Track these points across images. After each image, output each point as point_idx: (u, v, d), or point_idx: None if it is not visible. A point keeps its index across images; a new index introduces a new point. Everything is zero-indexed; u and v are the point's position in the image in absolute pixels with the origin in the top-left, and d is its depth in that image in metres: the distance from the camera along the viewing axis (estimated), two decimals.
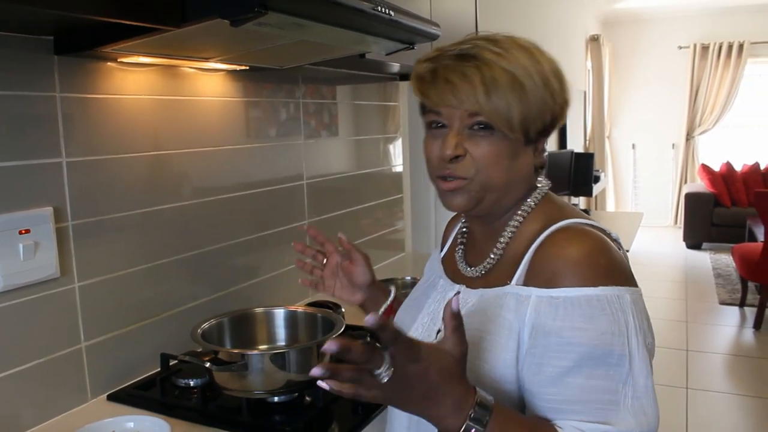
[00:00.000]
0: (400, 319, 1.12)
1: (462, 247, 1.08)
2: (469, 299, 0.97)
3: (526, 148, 0.94)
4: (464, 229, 1.10)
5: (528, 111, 0.89)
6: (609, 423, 0.80)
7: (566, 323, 0.82)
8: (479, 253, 1.02)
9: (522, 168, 0.95)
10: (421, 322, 1.05)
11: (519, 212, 0.97)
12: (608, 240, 0.90)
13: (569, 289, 0.83)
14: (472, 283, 1.00)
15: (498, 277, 0.95)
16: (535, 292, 0.86)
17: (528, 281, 0.89)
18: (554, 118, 0.95)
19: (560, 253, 0.86)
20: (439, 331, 0.98)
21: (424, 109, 0.98)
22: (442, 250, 1.17)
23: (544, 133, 0.95)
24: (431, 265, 1.18)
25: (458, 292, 1.00)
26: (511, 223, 0.97)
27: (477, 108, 0.88)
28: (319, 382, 0.71)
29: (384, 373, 0.71)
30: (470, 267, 1.02)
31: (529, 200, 0.97)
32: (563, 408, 0.82)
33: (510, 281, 0.92)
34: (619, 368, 0.81)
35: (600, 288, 0.82)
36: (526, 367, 0.85)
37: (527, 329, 0.86)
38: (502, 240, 0.97)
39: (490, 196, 0.94)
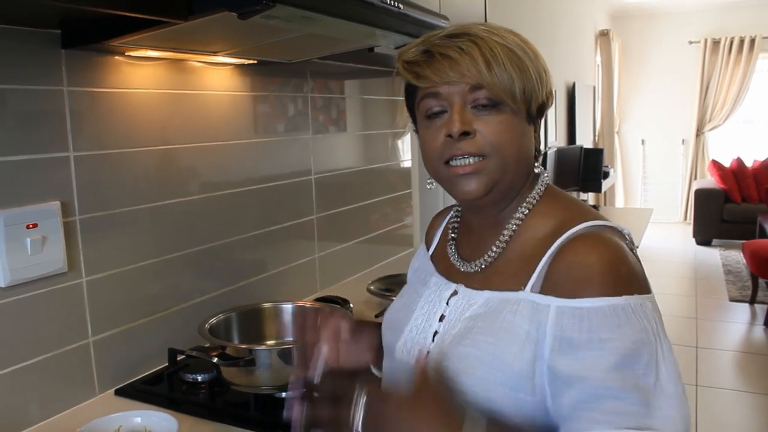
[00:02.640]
0: (391, 322, 1.05)
1: (453, 242, 1.03)
2: (472, 300, 0.92)
3: (528, 126, 0.92)
4: (455, 224, 1.05)
5: (528, 83, 0.88)
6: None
7: (593, 335, 0.78)
8: (477, 246, 0.97)
9: (529, 147, 0.93)
10: (415, 323, 0.99)
11: (524, 204, 0.93)
12: (625, 246, 0.86)
13: (594, 299, 0.79)
14: (470, 280, 0.95)
15: (502, 275, 0.91)
16: (554, 302, 0.82)
17: (546, 290, 0.84)
18: (547, 98, 0.93)
19: (580, 262, 0.82)
20: (436, 333, 0.94)
21: (413, 101, 0.94)
22: (429, 248, 1.11)
23: (540, 113, 0.93)
24: (418, 265, 1.11)
25: (455, 292, 0.96)
26: (516, 215, 0.93)
27: (479, 80, 0.85)
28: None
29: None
30: (466, 262, 0.97)
31: (533, 192, 0.94)
32: (598, 418, 0.77)
33: (523, 287, 0.87)
34: (646, 378, 0.78)
35: (624, 297, 0.79)
36: (549, 380, 0.81)
37: (548, 341, 0.81)
38: (505, 233, 0.93)
39: (505, 178, 0.90)
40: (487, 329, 0.87)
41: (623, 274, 0.82)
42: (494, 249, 0.93)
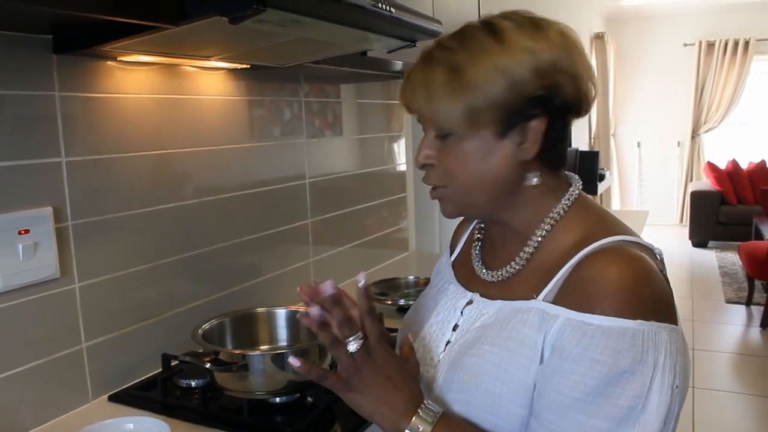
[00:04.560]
0: (407, 326, 1.03)
1: (478, 249, 1.01)
2: (485, 310, 0.90)
3: (499, 143, 0.83)
4: (480, 230, 1.03)
5: (475, 103, 0.80)
6: None
7: (587, 353, 0.75)
8: (499, 256, 0.94)
9: (498, 167, 0.85)
10: (429, 331, 0.98)
11: (548, 218, 0.88)
12: (654, 267, 0.81)
13: (604, 318, 0.75)
14: (487, 289, 0.93)
15: (521, 286, 0.88)
16: (564, 313, 0.79)
17: (559, 300, 0.81)
18: (543, 96, 0.82)
19: (600, 276, 0.78)
20: (448, 342, 0.93)
21: None
22: (452, 254, 1.09)
23: (524, 119, 0.83)
24: (440, 269, 1.10)
25: (470, 301, 0.94)
26: (538, 232, 0.89)
27: (421, 112, 0.86)
28: (291, 359, 0.82)
29: (353, 341, 0.81)
30: (488, 270, 0.95)
31: (559, 205, 0.89)
32: None
33: (536, 296, 0.84)
34: (629, 411, 0.74)
35: (638, 322, 0.75)
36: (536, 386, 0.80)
37: (548, 350, 0.79)
38: (527, 249, 0.89)
39: (475, 201, 0.88)
40: (494, 339, 0.85)
41: (644, 297, 0.77)
42: (517, 260, 0.90)
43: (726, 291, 5.57)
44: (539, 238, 0.89)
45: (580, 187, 0.92)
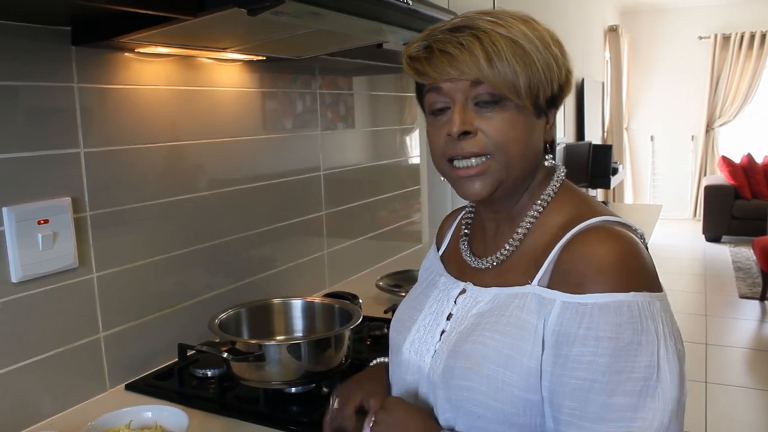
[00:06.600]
0: (399, 322, 1.04)
1: (466, 239, 1.02)
2: (480, 297, 0.91)
3: (538, 120, 0.89)
4: (468, 221, 1.04)
5: (533, 76, 0.84)
6: None
7: (590, 332, 0.77)
8: (491, 243, 0.96)
9: (537, 142, 0.90)
10: (422, 323, 0.98)
11: (539, 201, 0.91)
12: (639, 241, 0.84)
13: (599, 295, 0.78)
14: (480, 278, 0.94)
15: (514, 272, 0.89)
16: (560, 297, 0.81)
17: (553, 283, 0.83)
18: (561, 87, 0.90)
19: (590, 254, 0.80)
20: (443, 332, 0.93)
21: (421, 94, 0.92)
22: (439, 249, 1.10)
23: (553, 103, 0.91)
24: (429, 265, 1.11)
25: (464, 290, 0.95)
26: (530, 212, 0.91)
27: (479, 76, 0.83)
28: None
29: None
30: (479, 258, 0.96)
31: (548, 188, 0.92)
32: (583, 425, 0.77)
33: (531, 280, 0.86)
34: (645, 381, 0.76)
35: (631, 294, 0.77)
36: (547, 376, 0.80)
37: (549, 336, 0.81)
38: (519, 230, 0.91)
39: (511, 176, 0.88)
40: (494, 325, 0.86)
41: (634, 269, 0.80)
42: (507, 246, 0.92)
43: (740, 286, 5.53)
44: (532, 219, 0.91)
45: (564, 171, 0.96)
